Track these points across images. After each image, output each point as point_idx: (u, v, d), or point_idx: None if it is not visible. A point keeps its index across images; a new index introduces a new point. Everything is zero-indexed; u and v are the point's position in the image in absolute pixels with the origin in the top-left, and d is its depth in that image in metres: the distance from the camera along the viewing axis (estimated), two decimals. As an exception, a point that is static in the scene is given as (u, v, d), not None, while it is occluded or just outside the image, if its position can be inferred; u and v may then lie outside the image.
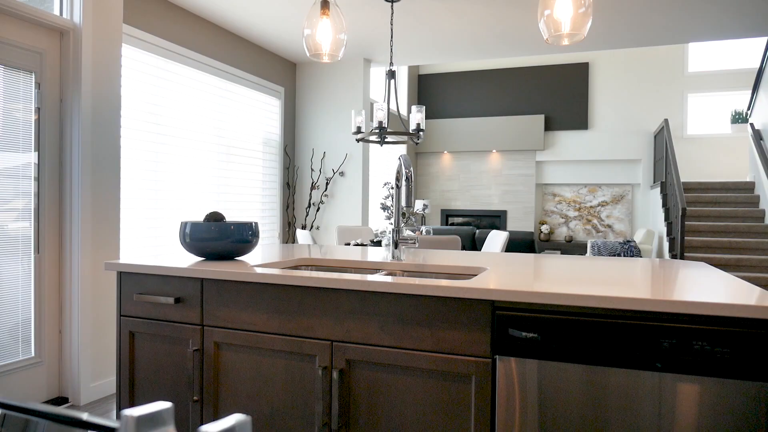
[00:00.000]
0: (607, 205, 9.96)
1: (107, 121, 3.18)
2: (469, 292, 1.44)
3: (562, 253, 10.01)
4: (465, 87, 10.55)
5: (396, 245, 2.12)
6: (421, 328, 1.52)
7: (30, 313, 2.90)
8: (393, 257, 2.10)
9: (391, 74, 4.34)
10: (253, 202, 5.79)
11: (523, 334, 1.41)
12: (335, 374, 1.59)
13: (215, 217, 2.08)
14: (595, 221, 10.04)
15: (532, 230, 10.07)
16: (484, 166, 10.48)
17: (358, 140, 4.26)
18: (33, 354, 2.91)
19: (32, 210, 2.89)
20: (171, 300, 1.81)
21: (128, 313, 1.91)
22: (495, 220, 10.49)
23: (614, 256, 7.81)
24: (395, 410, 1.56)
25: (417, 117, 4.18)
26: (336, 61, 2.33)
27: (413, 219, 4.36)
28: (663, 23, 4.85)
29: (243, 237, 2.04)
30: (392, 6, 4.33)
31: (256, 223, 2.11)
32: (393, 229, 2.11)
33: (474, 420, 1.47)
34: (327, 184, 6.32)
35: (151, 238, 4.33)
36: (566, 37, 1.96)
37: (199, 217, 4.98)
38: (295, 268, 2.12)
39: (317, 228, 6.40)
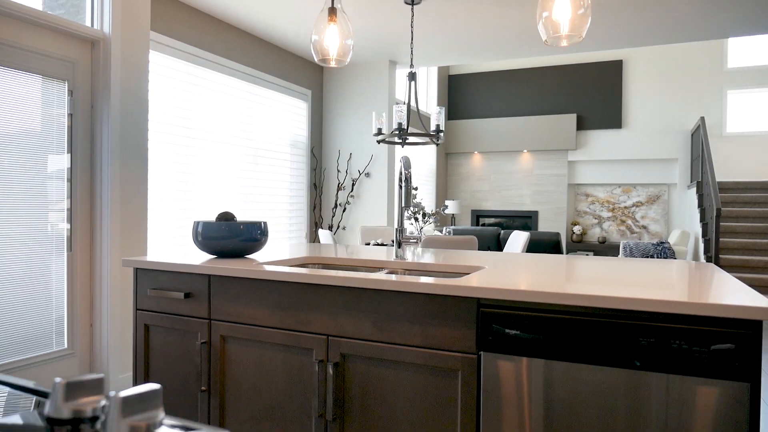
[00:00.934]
0: (642, 206, 9.73)
1: (135, 126, 3.34)
2: (455, 290, 1.48)
3: (594, 255, 9.84)
4: (495, 87, 10.49)
5: (399, 245, 2.17)
6: (411, 324, 1.57)
7: (63, 308, 3.08)
8: (396, 256, 2.16)
9: (412, 76, 4.39)
10: (280, 202, 5.93)
11: (507, 331, 1.44)
12: (330, 367, 1.66)
13: (226, 217, 2.18)
14: (629, 222, 9.82)
15: (561, 231, 9.93)
16: (515, 166, 10.39)
17: (378, 141, 4.32)
18: (66, 346, 3.09)
19: (65, 210, 3.07)
20: (181, 295, 1.91)
21: (143, 307, 2.02)
22: (526, 220, 10.38)
23: (647, 257, 7.64)
24: (387, 403, 1.61)
25: (436, 118, 4.21)
26: (343, 66, 2.40)
27: (435, 219, 4.39)
28: (701, 18, 4.73)
29: (252, 236, 2.13)
30: (412, 9, 4.38)
31: (265, 223, 2.20)
32: (396, 229, 2.17)
33: (460, 413, 1.51)
34: (353, 185, 6.41)
35: (181, 237, 4.51)
36: (565, 38, 1.97)
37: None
38: (303, 266, 2.20)
39: (343, 228, 6.50)
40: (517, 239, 4.48)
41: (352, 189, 6.43)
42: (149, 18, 3.43)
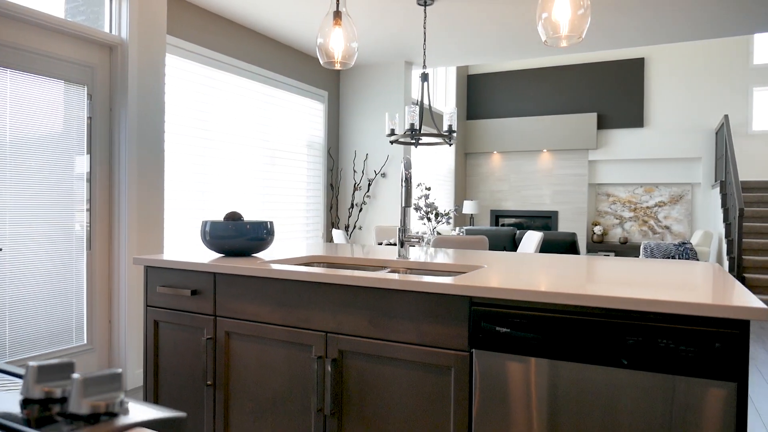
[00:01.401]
0: (664, 206, 9.57)
1: (152, 128, 3.44)
2: (448, 288, 1.51)
3: (615, 255, 9.71)
4: (515, 86, 10.43)
5: (402, 244, 2.21)
6: (406, 322, 1.60)
7: (83, 305, 3.19)
8: (399, 255, 2.19)
9: (425, 77, 4.41)
10: (297, 203, 6.01)
11: (497, 329, 1.46)
12: (328, 363, 1.70)
13: (233, 217, 2.24)
14: (651, 222, 9.67)
15: (582, 231, 9.82)
16: (535, 166, 10.32)
17: (391, 142, 4.36)
18: (85, 341, 3.20)
19: (85, 210, 3.18)
20: (188, 292, 1.98)
21: (153, 303, 2.10)
22: (546, 221, 10.30)
23: (668, 258, 7.52)
24: (383, 398, 1.65)
25: (449, 118, 4.23)
26: (347, 68, 2.44)
27: (448, 219, 4.41)
28: (725, 14, 4.65)
29: (258, 235, 2.19)
30: (425, 10, 4.41)
31: (271, 222, 2.25)
32: (399, 229, 2.20)
33: (453, 409, 1.53)
34: (369, 185, 6.46)
35: (199, 237, 4.61)
36: (564, 39, 1.98)
37: (245, 217, 5.24)
38: (308, 264, 2.25)
39: (359, 228, 6.55)
40: (531, 239, 4.46)
41: (368, 189, 6.47)
42: (165, 23, 3.53)
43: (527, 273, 1.74)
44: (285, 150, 5.79)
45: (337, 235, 4.87)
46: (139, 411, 0.54)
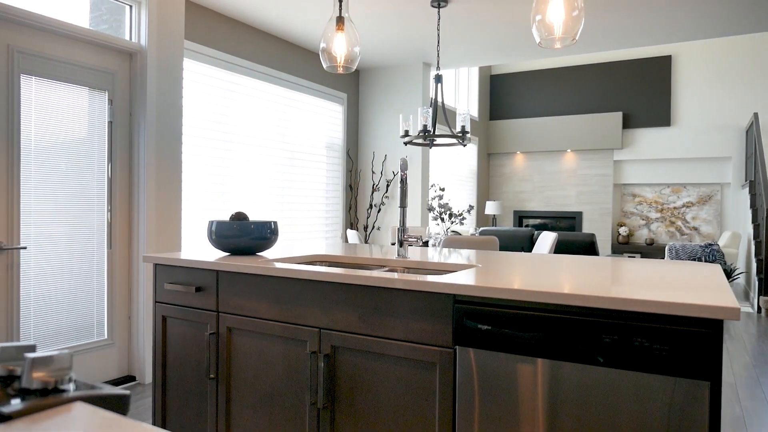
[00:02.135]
0: (692, 206, 9.36)
1: (170, 131, 3.57)
2: (432, 286, 1.55)
3: (641, 257, 9.54)
4: (538, 86, 10.35)
5: (401, 243, 2.25)
6: (394, 319, 1.65)
7: (104, 301, 3.33)
8: (398, 255, 2.24)
9: (438, 78, 4.44)
10: (317, 203, 6.10)
11: (479, 326, 1.50)
12: (322, 358, 1.76)
13: (239, 217, 2.32)
14: (679, 223, 9.47)
15: (607, 232, 9.68)
16: (559, 166, 10.21)
17: (405, 143, 4.41)
18: (106, 336, 3.34)
19: (106, 210, 3.32)
20: (192, 289, 2.06)
21: (161, 299, 2.19)
22: (570, 221, 10.18)
23: (694, 260, 7.36)
24: (373, 392, 1.70)
25: (462, 120, 4.25)
26: (350, 71, 2.50)
27: (462, 219, 4.43)
28: (755, 9, 4.55)
29: (262, 234, 2.26)
30: (439, 12, 4.44)
31: (275, 222, 2.32)
32: (398, 229, 2.25)
33: (438, 403, 1.58)
34: (387, 186, 6.51)
35: (217, 237, 4.74)
36: (558, 40, 2.00)
37: (265, 217, 5.36)
38: (310, 263, 2.32)
39: (378, 228, 6.61)
40: (545, 240, 4.45)
41: (387, 190, 6.53)
42: (183, 30, 3.65)
43: (517, 272, 1.76)
44: (304, 152, 5.89)
45: (351, 235, 4.94)
46: (81, 386, 0.60)
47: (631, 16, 4.69)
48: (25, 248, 2.88)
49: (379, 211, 6.56)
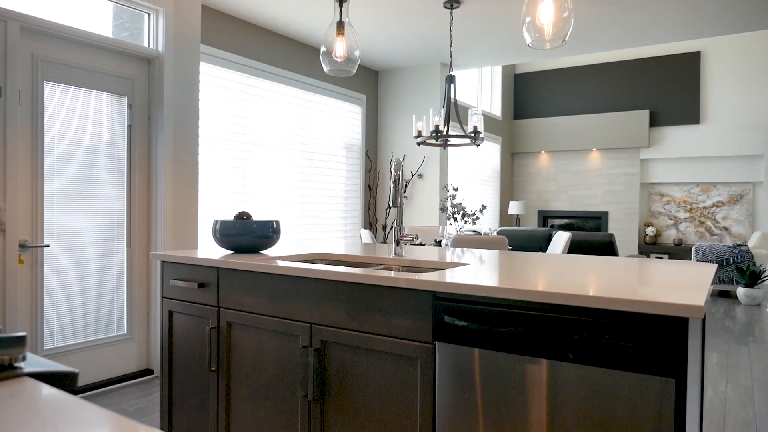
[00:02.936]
0: (723, 206, 9.11)
1: (187, 133, 3.70)
2: (413, 283, 1.60)
3: (669, 257, 9.33)
4: (563, 84, 10.23)
5: (398, 242, 2.31)
6: (378, 314, 1.70)
7: (123, 297, 3.48)
8: (395, 253, 2.29)
9: (451, 79, 4.47)
10: (336, 203, 6.20)
11: (457, 322, 1.54)
12: (312, 353, 1.83)
13: (242, 216, 2.41)
14: (709, 223, 9.23)
15: (633, 232, 9.50)
16: (584, 165, 10.08)
17: (418, 144, 4.45)
18: (125, 331, 3.49)
19: (125, 210, 3.46)
20: (195, 285, 2.16)
21: (168, 295, 2.30)
22: (596, 221, 10.04)
23: (721, 261, 7.19)
24: (360, 385, 1.76)
25: (474, 120, 4.27)
26: (350, 75, 2.56)
27: (474, 219, 4.45)
28: None
29: (264, 233, 2.35)
30: (451, 13, 4.47)
31: (277, 222, 2.41)
32: (394, 228, 2.30)
33: (420, 397, 1.62)
34: (406, 186, 6.56)
35: (236, 236, 4.87)
36: (548, 41, 2.02)
37: (284, 218, 5.48)
38: (310, 261, 2.39)
39: (396, 228, 6.66)
40: (559, 240, 4.43)
41: (405, 190, 6.57)
42: (199, 36, 3.78)
43: (505, 271, 1.80)
44: (323, 153, 5.99)
45: (365, 234, 5.01)
46: (36, 364, 0.68)
47: (660, 11, 4.62)
48: (48, 246, 3.04)
49: (397, 210, 6.60)
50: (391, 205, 2.09)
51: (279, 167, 5.41)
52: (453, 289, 1.52)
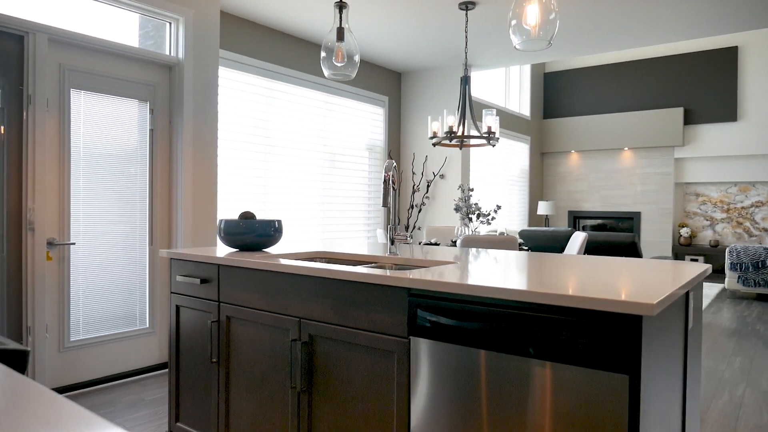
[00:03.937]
0: (762, 206, 8.79)
1: (206, 137, 3.86)
2: (389, 279, 1.67)
3: (705, 259, 9.04)
4: (593, 82, 10.06)
5: (392, 242, 2.37)
6: (360, 310, 1.78)
7: (145, 293, 3.66)
8: (389, 252, 2.36)
9: (466, 80, 4.50)
10: (358, 203, 6.30)
11: (429, 318, 1.60)
12: (300, 346, 1.92)
13: (246, 216, 2.52)
14: (747, 224, 8.92)
15: (667, 233, 9.25)
16: (616, 165, 9.89)
17: (434, 144, 4.50)
18: (147, 325, 3.67)
19: (147, 210, 3.65)
20: (198, 281, 2.28)
21: (176, 290, 2.43)
22: (629, 222, 9.82)
23: (757, 262, 6.95)
24: (344, 378, 1.84)
25: (488, 120, 4.29)
26: (349, 79, 2.64)
27: (489, 219, 4.47)
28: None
29: (266, 232, 2.45)
30: (467, 14, 4.50)
31: (279, 221, 2.51)
32: (389, 227, 2.37)
33: (396, 389, 1.69)
34: (428, 186, 6.60)
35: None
36: (535, 43, 2.05)
37: (306, 219, 5.61)
38: (310, 259, 2.49)
39: (418, 228, 6.71)
40: (575, 241, 4.40)
41: (427, 190, 6.62)
42: (218, 42, 3.93)
43: (489, 269, 1.84)
44: (345, 154, 6.10)
45: (380, 234, 5.08)
46: (-10, 345, 0.78)
47: (695, 4, 4.52)
48: (74, 244, 3.24)
49: (419, 211, 6.66)
50: (382, 204, 2.16)
51: (301, 168, 5.54)
52: (422, 285, 1.58)
